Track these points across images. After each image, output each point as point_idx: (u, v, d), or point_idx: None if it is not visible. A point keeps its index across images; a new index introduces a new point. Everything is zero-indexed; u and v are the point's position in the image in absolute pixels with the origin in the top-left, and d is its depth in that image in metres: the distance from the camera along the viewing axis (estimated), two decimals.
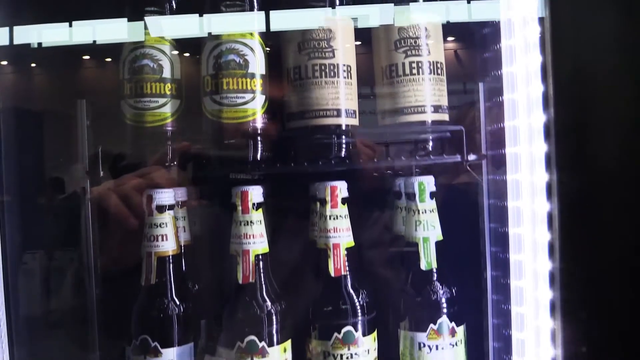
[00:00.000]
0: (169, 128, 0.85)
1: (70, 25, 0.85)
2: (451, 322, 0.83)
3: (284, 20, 0.83)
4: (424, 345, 0.83)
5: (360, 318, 0.82)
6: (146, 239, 0.83)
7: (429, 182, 0.86)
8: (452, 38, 1.00)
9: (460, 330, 0.85)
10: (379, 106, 0.88)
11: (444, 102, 0.85)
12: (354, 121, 0.84)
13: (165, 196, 0.84)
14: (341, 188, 0.84)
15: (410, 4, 0.86)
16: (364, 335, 0.82)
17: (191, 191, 0.94)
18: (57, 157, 1.03)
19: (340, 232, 0.84)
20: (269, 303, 0.81)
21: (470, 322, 0.86)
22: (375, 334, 0.85)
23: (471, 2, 0.82)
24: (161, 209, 0.83)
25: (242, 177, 0.90)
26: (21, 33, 0.86)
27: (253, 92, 0.83)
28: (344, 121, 0.83)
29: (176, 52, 0.90)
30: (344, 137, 0.82)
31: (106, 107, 0.94)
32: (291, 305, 0.84)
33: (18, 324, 0.89)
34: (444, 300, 0.83)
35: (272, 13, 0.83)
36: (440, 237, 0.85)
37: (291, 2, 0.84)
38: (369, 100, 0.87)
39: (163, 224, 0.83)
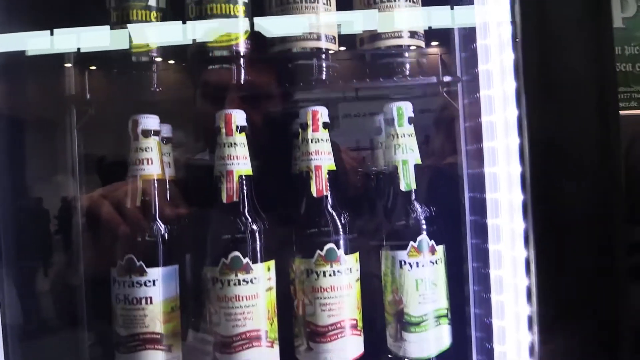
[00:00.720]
0: (154, 54, 0.88)
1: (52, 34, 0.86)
2: (431, 240, 0.85)
3: None
4: (405, 263, 0.85)
5: (342, 236, 0.84)
6: (132, 163, 0.85)
7: (407, 107, 0.88)
8: None
9: (440, 249, 0.87)
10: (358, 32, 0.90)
11: (420, 29, 0.88)
12: (334, 46, 0.87)
13: (151, 121, 0.86)
14: (322, 113, 0.86)
15: None
16: (346, 253, 0.84)
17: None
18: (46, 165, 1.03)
19: (321, 154, 0.86)
20: (252, 221, 0.82)
21: (449, 243, 0.88)
22: (357, 255, 0.86)
23: None
24: (146, 133, 0.85)
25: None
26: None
27: (236, 17, 0.86)
28: (323, 45, 0.86)
29: None
30: (324, 60, 0.84)
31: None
32: (274, 229, 0.86)
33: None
34: (422, 219, 0.85)
35: None
36: (419, 161, 0.88)
37: None
38: None
39: (148, 148, 0.85)
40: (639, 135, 1.42)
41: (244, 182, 0.83)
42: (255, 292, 0.81)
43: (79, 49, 0.86)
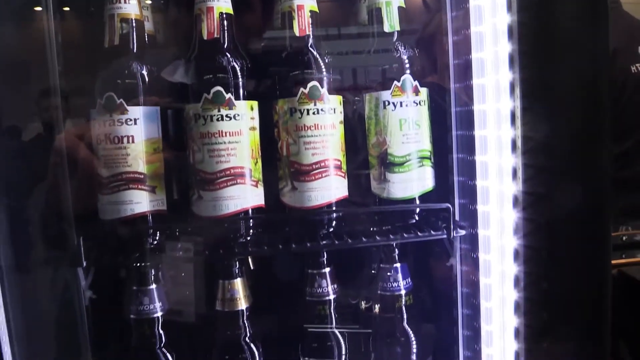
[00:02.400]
0: None
1: None
2: (414, 80, 0.85)
3: None
4: (389, 103, 0.85)
5: (325, 75, 0.83)
6: (108, 3, 0.82)
7: None
8: None
9: (424, 91, 0.86)
10: None
11: None
12: None
13: None
14: None
15: None
16: (329, 93, 0.84)
17: None
18: None
19: None
20: (234, 58, 0.81)
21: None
22: (341, 98, 0.85)
23: None
24: None
25: None
26: None
27: None
28: None
29: None
30: None
31: None
32: (257, 70, 0.85)
33: None
34: (406, 58, 0.85)
35: None
36: (402, 4, 0.86)
37: None
38: None
39: None
40: None
41: (225, 19, 0.81)
42: (238, 128, 0.81)
43: None
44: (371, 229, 0.86)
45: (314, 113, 0.83)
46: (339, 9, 1.00)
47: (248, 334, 0.88)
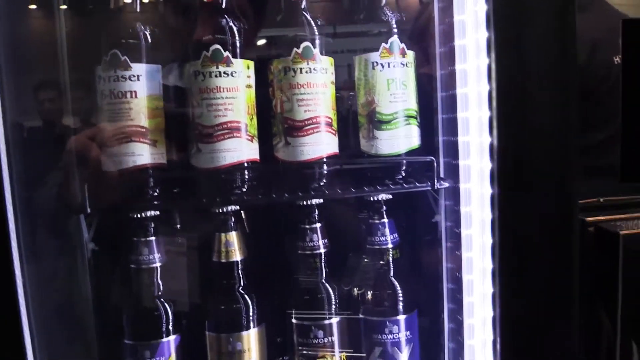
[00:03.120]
0: None
1: None
2: (401, 43, 0.90)
3: None
4: (377, 64, 0.90)
5: (317, 36, 0.88)
6: None
7: None
8: None
9: (410, 54, 0.92)
10: None
11: None
12: None
13: None
14: None
15: None
16: (321, 53, 0.89)
17: None
18: None
19: None
20: (232, 19, 0.86)
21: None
22: (332, 60, 0.90)
23: None
24: None
25: None
26: None
27: None
28: None
29: None
30: None
31: None
32: (253, 32, 0.90)
33: None
34: (393, 21, 0.90)
35: None
36: None
37: None
38: None
39: None
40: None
41: None
42: (235, 85, 0.86)
43: None
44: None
45: (306, 72, 0.88)
46: None
47: (242, 285, 0.93)
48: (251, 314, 0.93)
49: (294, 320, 0.95)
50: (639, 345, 0.98)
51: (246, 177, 0.88)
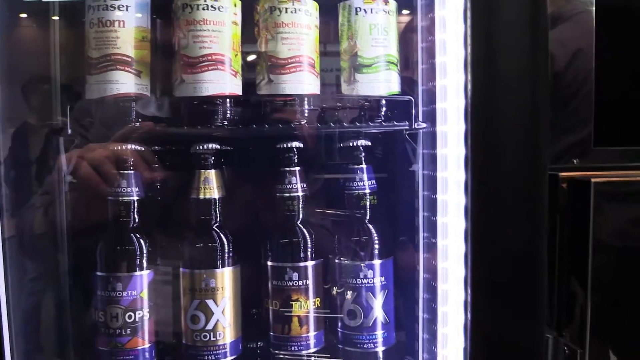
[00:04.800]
0: None
1: None
2: None
3: None
4: (360, 9, 0.93)
5: None
6: None
7: None
8: None
9: (392, 3, 0.94)
10: None
11: None
12: None
13: None
14: None
15: None
16: None
17: None
18: None
19: None
20: None
21: None
22: (317, 5, 0.93)
23: None
24: None
25: None
26: None
27: None
28: None
29: None
30: None
31: None
32: None
33: None
34: None
35: None
36: None
37: None
38: None
39: None
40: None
41: None
42: (222, 19, 0.88)
43: None
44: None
45: (291, 12, 0.90)
46: None
47: (219, 223, 0.93)
48: (226, 252, 0.93)
49: (269, 263, 0.95)
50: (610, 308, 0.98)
51: (228, 109, 0.89)
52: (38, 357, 0.96)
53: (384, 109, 0.93)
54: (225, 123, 0.88)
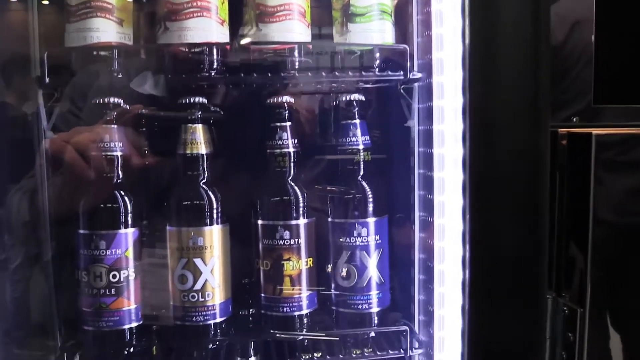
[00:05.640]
0: None
1: None
2: None
3: None
4: None
5: None
6: None
7: None
8: None
9: None
10: None
11: None
12: None
13: None
14: None
15: None
16: None
17: None
18: None
19: None
20: None
21: None
22: None
23: None
24: None
25: None
26: None
27: None
28: None
29: None
30: None
31: None
32: None
33: None
34: None
35: None
36: None
37: None
38: None
39: None
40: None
41: None
42: None
43: None
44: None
45: None
46: None
47: (207, 180, 0.90)
48: (214, 209, 0.90)
49: (259, 221, 0.92)
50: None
51: (214, 58, 0.85)
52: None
53: (377, 60, 0.89)
54: (212, 73, 0.84)
